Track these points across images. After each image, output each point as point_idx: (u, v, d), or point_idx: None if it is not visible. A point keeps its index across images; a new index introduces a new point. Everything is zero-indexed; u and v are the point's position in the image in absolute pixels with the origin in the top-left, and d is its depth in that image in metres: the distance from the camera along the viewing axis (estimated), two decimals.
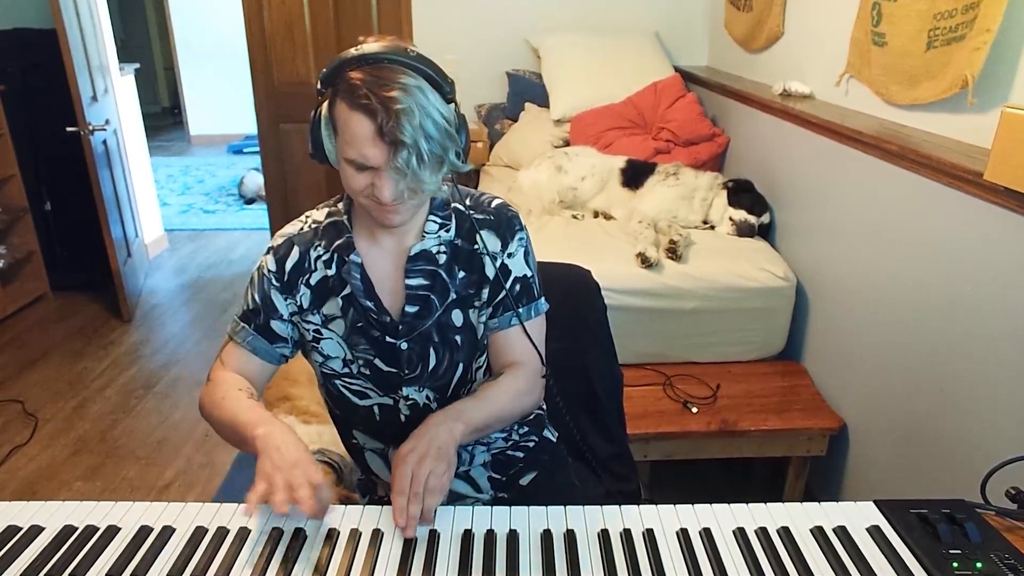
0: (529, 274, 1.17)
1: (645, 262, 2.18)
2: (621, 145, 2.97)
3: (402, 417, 1.18)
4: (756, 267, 2.22)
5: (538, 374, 1.18)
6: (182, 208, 5.62)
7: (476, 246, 1.14)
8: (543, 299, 1.19)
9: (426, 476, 0.93)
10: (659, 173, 2.68)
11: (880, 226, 1.83)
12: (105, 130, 3.38)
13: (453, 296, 1.13)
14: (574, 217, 2.72)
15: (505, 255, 1.14)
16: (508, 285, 1.15)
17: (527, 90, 3.41)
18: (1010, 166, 1.31)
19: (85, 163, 3.25)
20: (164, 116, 9.25)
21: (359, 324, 1.12)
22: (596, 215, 2.74)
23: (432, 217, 1.12)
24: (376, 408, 1.18)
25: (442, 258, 1.12)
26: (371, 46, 0.96)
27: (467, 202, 1.15)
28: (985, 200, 1.44)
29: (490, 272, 1.14)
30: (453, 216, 1.13)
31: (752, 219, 2.44)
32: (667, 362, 2.26)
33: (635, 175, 2.72)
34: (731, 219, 2.47)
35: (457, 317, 1.14)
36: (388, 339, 1.12)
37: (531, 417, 1.30)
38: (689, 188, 2.59)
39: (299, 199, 4.13)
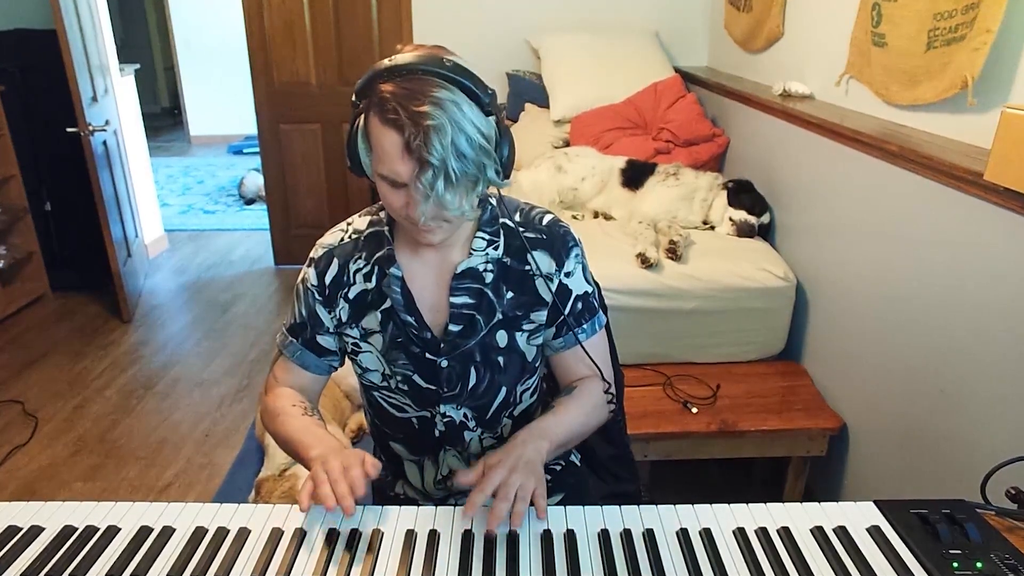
0: (590, 290, 1.15)
1: (645, 262, 2.18)
2: (621, 145, 2.97)
3: (436, 432, 1.17)
4: (756, 267, 2.22)
5: (609, 386, 1.17)
6: (182, 208, 5.62)
7: (528, 267, 1.10)
8: (601, 311, 1.17)
9: (515, 487, 0.91)
10: (659, 173, 2.68)
11: (880, 226, 1.83)
12: (105, 131, 3.38)
13: (499, 317, 1.10)
14: (574, 217, 2.72)
15: (562, 274, 1.11)
16: (569, 305, 1.12)
17: (527, 90, 3.41)
18: (1010, 166, 1.31)
19: (85, 163, 3.25)
20: (164, 116, 9.25)
21: (399, 339, 1.10)
22: (596, 215, 2.75)
23: (480, 233, 1.07)
24: (415, 420, 1.17)
25: (489, 277, 1.08)
26: (405, 56, 0.91)
27: (517, 218, 1.10)
28: (985, 200, 1.44)
29: (545, 294, 1.11)
30: (502, 232, 1.09)
31: (752, 219, 2.44)
32: (667, 362, 2.26)
33: (635, 175, 2.72)
34: (731, 219, 2.47)
35: (501, 338, 1.11)
36: (428, 356, 1.10)
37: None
38: (689, 188, 2.59)
39: (299, 199, 4.14)
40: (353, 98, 0.96)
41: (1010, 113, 1.30)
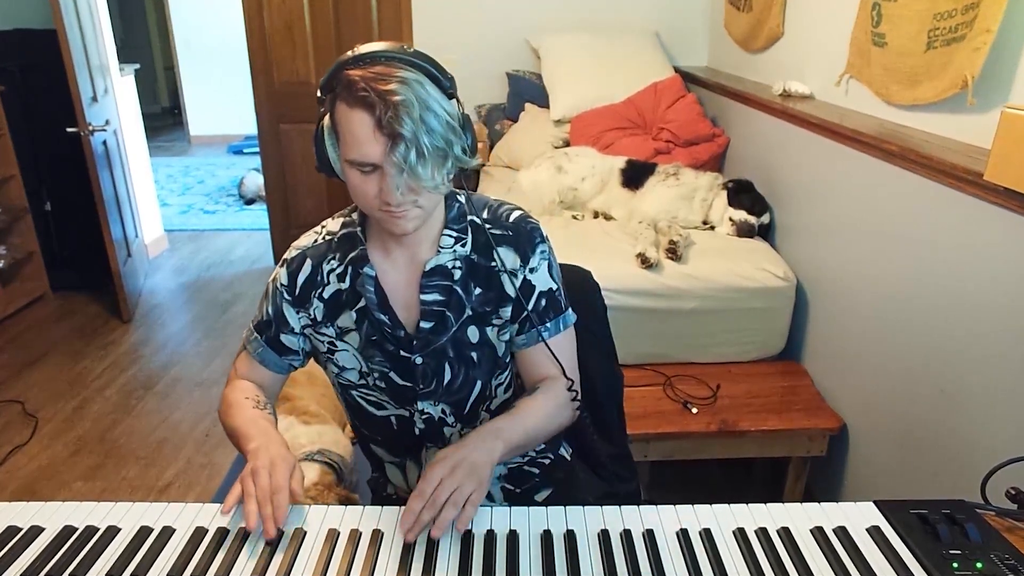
0: (555, 287, 1.15)
1: (645, 262, 2.18)
2: (621, 145, 2.97)
3: (416, 430, 1.17)
4: (756, 267, 2.21)
5: (572, 385, 1.17)
6: (182, 208, 5.62)
7: (494, 263, 1.11)
8: (570, 310, 1.17)
9: (452, 488, 0.91)
10: (659, 173, 2.68)
11: (880, 226, 1.83)
12: (105, 130, 3.38)
13: (469, 313, 1.11)
14: (574, 217, 2.72)
15: (527, 270, 1.12)
16: (532, 301, 1.12)
17: (527, 90, 3.41)
18: (1010, 166, 1.31)
19: (85, 163, 3.25)
20: (164, 116, 9.25)
21: (373, 337, 1.11)
22: (596, 215, 2.75)
23: (447, 231, 1.09)
24: (393, 419, 1.18)
25: (457, 273, 1.09)
26: (367, 46, 0.95)
27: (484, 214, 1.12)
28: (985, 200, 1.44)
29: (510, 290, 1.11)
30: (469, 229, 1.11)
31: (752, 219, 2.44)
32: (667, 362, 2.26)
33: (635, 175, 2.72)
34: (731, 219, 2.47)
35: (473, 333, 1.12)
36: (403, 353, 1.11)
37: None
38: (689, 188, 2.59)
39: (299, 199, 4.14)
40: (319, 94, 0.99)
41: (1010, 113, 1.30)
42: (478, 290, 1.11)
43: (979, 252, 1.48)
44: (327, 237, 1.14)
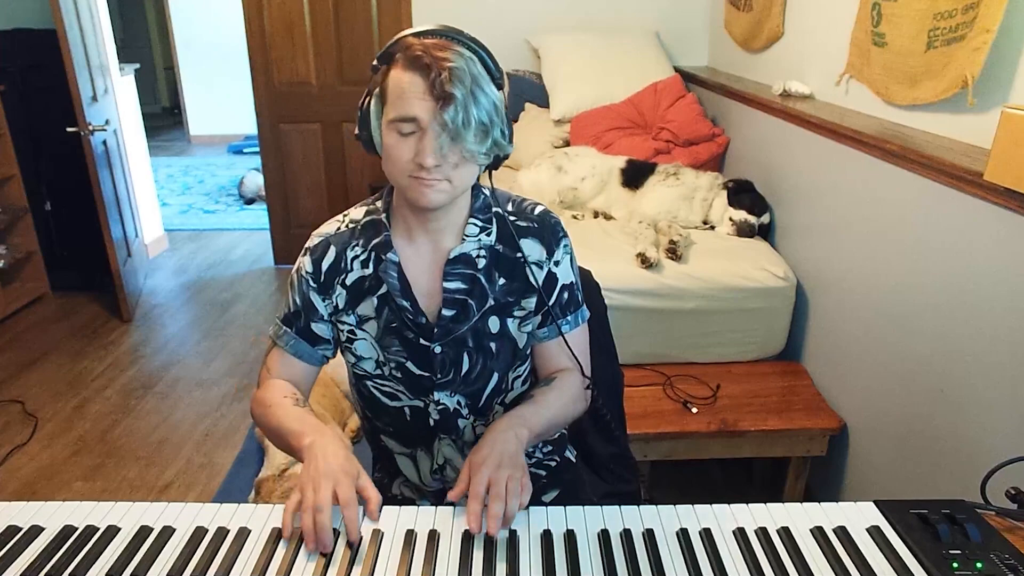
0: (575, 281, 1.17)
1: (645, 262, 2.18)
2: (621, 145, 2.97)
3: (431, 421, 1.17)
4: (756, 267, 2.22)
5: (589, 381, 1.18)
6: (182, 208, 5.62)
7: (519, 254, 1.12)
8: (585, 306, 1.19)
9: (505, 480, 0.93)
10: (659, 173, 2.68)
11: (880, 226, 1.83)
12: (105, 130, 3.38)
13: (491, 302, 1.11)
14: (574, 217, 2.72)
15: (552, 263, 1.13)
16: (556, 294, 1.14)
17: (527, 90, 3.41)
18: (1010, 166, 1.31)
19: (85, 163, 3.25)
20: (164, 116, 9.26)
21: (393, 324, 1.11)
22: (596, 215, 2.75)
23: (473, 220, 1.10)
24: (407, 410, 1.18)
25: (481, 262, 1.10)
26: (429, 25, 1.01)
27: (509, 207, 1.14)
28: (985, 200, 1.44)
29: (534, 281, 1.12)
30: (494, 220, 1.12)
31: (752, 219, 2.44)
32: (667, 362, 2.26)
33: (635, 175, 2.72)
34: (731, 219, 2.47)
35: (493, 324, 1.13)
36: (422, 341, 1.11)
37: (555, 436, 1.30)
38: (689, 188, 2.59)
39: (299, 199, 4.14)
40: (374, 62, 1.01)
41: (1010, 113, 1.30)
42: (502, 280, 1.12)
43: (979, 252, 1.48)
44: (350, 225, 1.14)
